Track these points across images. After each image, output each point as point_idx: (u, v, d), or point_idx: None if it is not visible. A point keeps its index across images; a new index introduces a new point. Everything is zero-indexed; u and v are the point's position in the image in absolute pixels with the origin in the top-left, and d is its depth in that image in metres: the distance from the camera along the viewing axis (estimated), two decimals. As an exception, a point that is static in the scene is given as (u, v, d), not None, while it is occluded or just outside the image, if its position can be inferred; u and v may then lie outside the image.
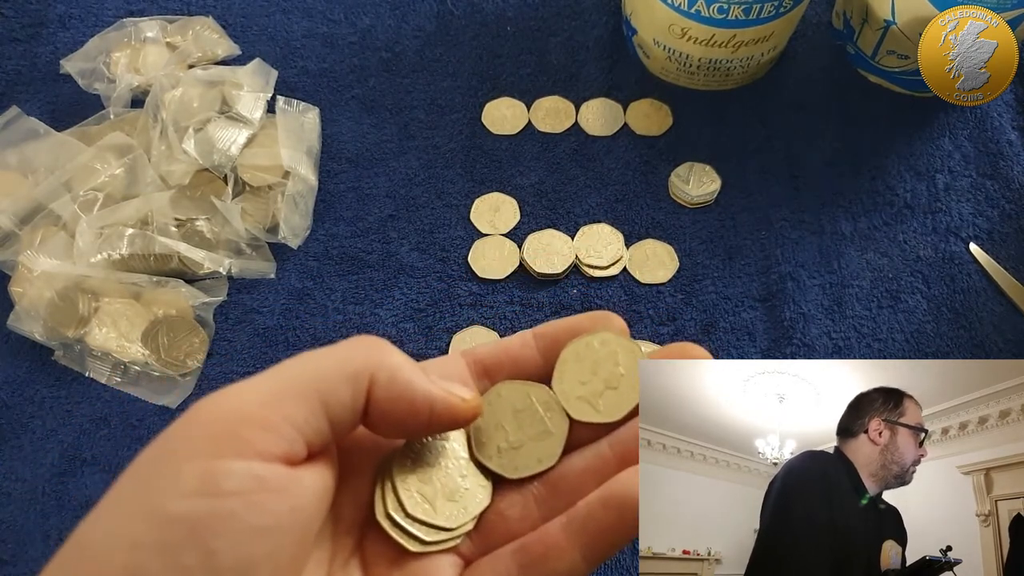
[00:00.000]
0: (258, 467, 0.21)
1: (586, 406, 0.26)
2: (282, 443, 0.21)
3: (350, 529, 0.25)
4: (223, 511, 0.20)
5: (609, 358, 0.26)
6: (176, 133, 0.47)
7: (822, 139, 0.50)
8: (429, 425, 0.24)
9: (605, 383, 0.26)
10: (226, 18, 0.55)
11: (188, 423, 0.21)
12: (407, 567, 0.24)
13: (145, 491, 0.21)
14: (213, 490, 0.20)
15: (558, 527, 0.24)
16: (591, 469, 0.25)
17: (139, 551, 0.19)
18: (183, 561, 0.19)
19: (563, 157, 0.50)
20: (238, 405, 0.22)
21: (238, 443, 0.21)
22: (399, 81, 0.53)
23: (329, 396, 0.22)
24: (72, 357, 0.44)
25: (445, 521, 0.25)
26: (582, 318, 0.27)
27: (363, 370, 0.23)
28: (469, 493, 0.25)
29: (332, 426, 0.23)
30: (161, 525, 0.20)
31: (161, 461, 0.21)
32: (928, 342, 0.44)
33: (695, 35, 0.47)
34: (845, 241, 0.47)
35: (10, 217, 0.46)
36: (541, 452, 0.26)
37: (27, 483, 0.41)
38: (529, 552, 0.24)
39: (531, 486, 0.26)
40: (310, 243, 0.48)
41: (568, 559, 0.23)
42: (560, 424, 0.26)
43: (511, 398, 0.27)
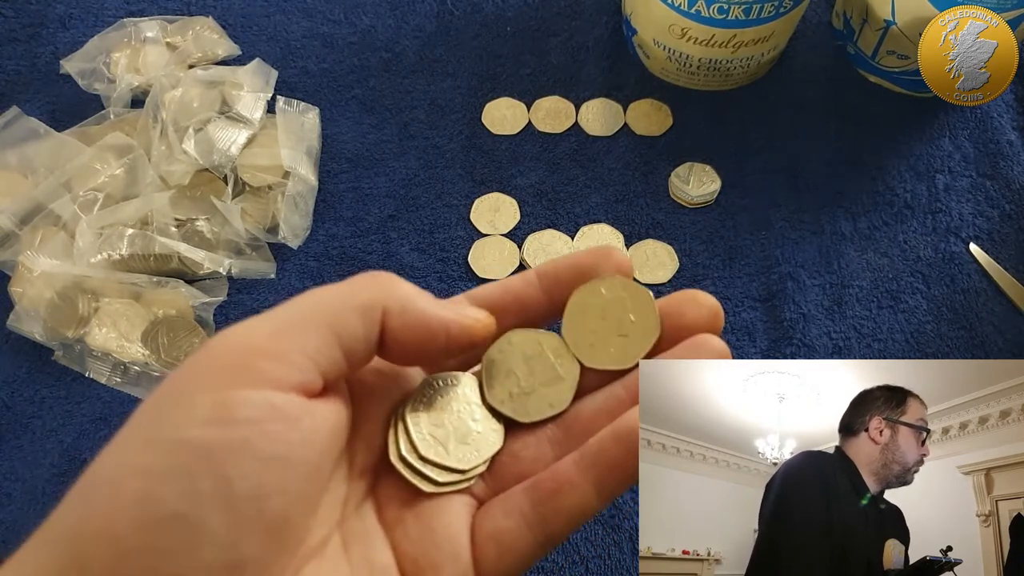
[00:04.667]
0: (272, 396, 0.21)
1: (599, 354, 0.26)
2: (295, 373, 0.21)
3: (363, 473, 0.25)
4: (237, 438, 0.20)
5: (617, 304, 0.26)
6: (176, 133, 0.47)
7: (822, 139, 0.50)
8: (447, 348, 0.24)
9: (616, 331, 0.26)
10: (226, 18, 0.55)
11: (201, 358, 0.21)
12: (420, 508, 0.24)
13: (159, 421, 0.21)
14: (227, 418, 0.20)
15: (570, 463, 0.24)
16: (605, 410, 0.25)
17: (154, 477, 0.19)
18: (198, 487, 0.19)
19: (563, 157, 0.50)
20: (250, 338, 0.22)
21: (251, 373, 0.21)
22: (399, 81, 0.53)
23: (341, 328, 0.22)
24: (72, 357, 0.44)
25: (458, 463, 0.25)
26: (583, 254, 0.26)
27: (374, 302, 0.23)
28: (481, 436, 0.26)
29: (346, 357, 0.23)
30: (176, 452, 0.20)
31: (175, 393, 0.21)
32: (928, 342, 0.44)
33: (695, 35, 0.47)
34: (845, 241, 0.47)
35: (10, 217, 0.46)
36: (552, 397, 0.26)
37: (27, 483, 0.41)
38: (541, 488, 0.24)
39: (545, 428, 0.26)
40: (310, 243, 0.48)
41: (580, 494, 0.23)
42: (571, 370, 0.26)
43: (522, 345, 0.27)
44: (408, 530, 0.24)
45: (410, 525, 0.24)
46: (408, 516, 0.24)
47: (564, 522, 0.23)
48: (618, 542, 0.40)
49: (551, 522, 0.23)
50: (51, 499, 0.41)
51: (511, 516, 0.24)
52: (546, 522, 0.23)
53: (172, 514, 0.19)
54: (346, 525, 0.24)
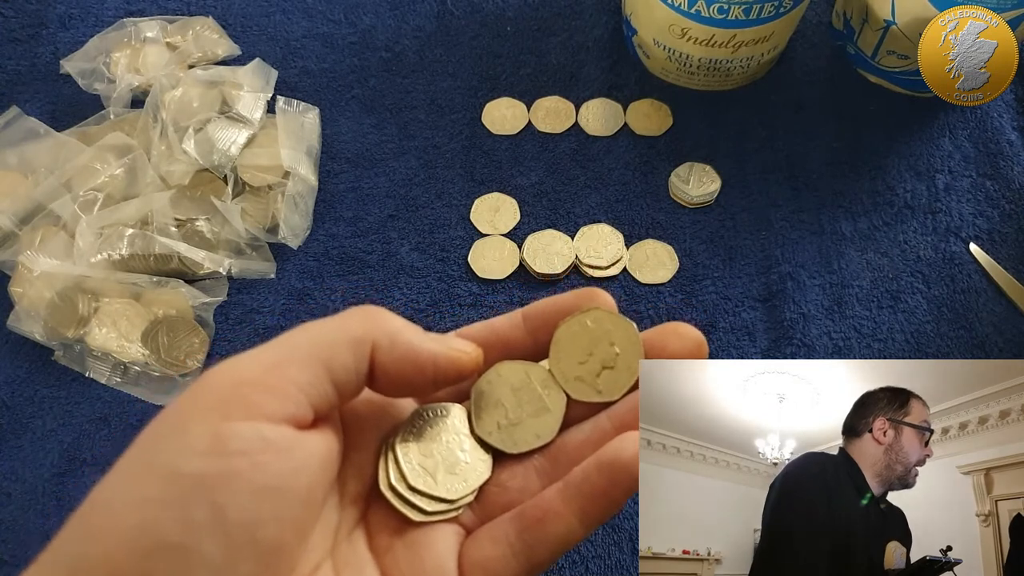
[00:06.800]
0: (265, 428, 0.21)
1: (585, 386, 0.27)
2: (288, 405, 0.22)
3: (355, 501, 0.26)
4: (231, 469, 0.21)
5: (603, 337, 0.27)
6: (176, 133, 0.47)
7: (822, 139, 0.50)
8: (435, 380, 0.25)
9: (602, 363, 0.27)
10: (226, 18, 0.55)
11: (197, 390, 0.22)
12: (409, 536, 0.25)
13: (156, 452, 0.21)
14: (221, 449, 0.21)
15: (554, 492, 0.24)
16: (591, 441, 0.26)
17: (151, 506, 0.20)
18: (193, 516, 0.20)
19: (563, 157, 0.50)
20: (245, 371, 0.22)
21: (245, 406, 0.21)
22: (399, 81, 0.53)
23: (332, 361, 0.23)
24: (72, 357, 0.44)
25: (446, 493, 0.25)
26: (568, 296, 0.27)
27: (365, 336, 0.24)
28: (470, 466, 0.26)
29: (337, 390, 0.23)
30: (172, 482, 0.20)
31: (171, 424, 0.22)
32: (928, 342, 0.44)
33: (695, 35, 0.47)
34: (845, 241, 0.47)
35: (10, 217, 0.46)
36: (539, 428, 0.27)
37: (27, 483, 0.41)
38: (526, 517, 0.24)
39: (532, 459, 0.26)
40: (310, 243, 0.48)
41: (565, 523, 0.24)
42: (558, 401, 0.27)
43: (509, 377, 0.27)
44: (398, 558, 0.25)
45: (399, 553, 0.25)
46: (398, 544, 0.25)
47: (549, 550, 0.24)
48: (618, 542, 0.40)
49: (536, 550, 0.24)
50: (51, 499, 0.41)
51: (497, 544, 0.24)
52: (531, 550, 0.24)
53: (169, 542, 0.20)
54: (338, 552, 0.25)
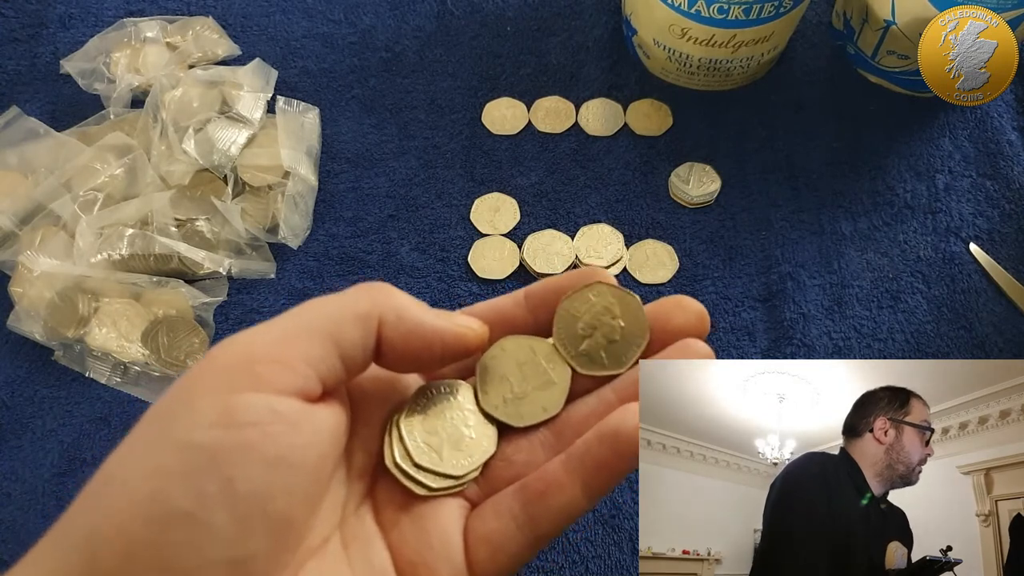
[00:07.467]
0: (274, 400, 0.22)
1: (589, 360, 0.27)
2: (296, 378, 0.22)
3: (362, 476, 0.26)
4: (240, 441, 0.21)
5: (606, 311, 0.27)
6: (176, 133, 0.47)
7: (822, 139, 0.50)
8: (442, 356, 0.25)
9: (606, 336, 0.27)
10: (226, 18, 0.55)
11: (205, 364, 0.22)
12: (415, 511, 0.25)
13: (167, 425, 0.22)
14: (231, 421, 0.21)
15: (557, 464, 0.24)
16: (595, 413, 0.26)
17: (163, 477, 0.20)
18: (204, 487, 0.20)
19: (563, 157, 0.50)
20: (253, 345, 0.23)
21: (254, 379, 0.22)
22: (399, 81, 0.53)
23: (340, 336, 0.23)
24: (72, 357, 0.44)
25: (451, 469, 0.26)
26: (571, 275, 0.27)
27: (371, 311, 0.24)
28: (475, 442, 0.26)
29: (344, 364, 0.24)
30: (183, 453, 0.21)
31: (181, 398, 0.22)
32: (928, 342, 0.44)
33: (695, 35, 0.47)
34: (845, 241, 0.47)
35: (10, 217, 0.46)
36: (545, 401, 0.27)
37: (27, 483, 0.41)
38: (530, 490, 0.25)
39: (537, 432, 0.27)
40: (310, 243, 0.48)
41: (568, 494, 0.24)
42: (563, 375, 0.27)
43: (514, 352, 0.28)
44: (404, 532, 0.25)
45: (406, 527, 0.25)
46: (404, 519, 0.25)
47: (553, 522, 0.24)
48: (618, 542, 0.40)
49: (540, 522, 0.24)
50: (51, 499, 0.41)
51: (502, 517, 0.24)
52: (535, 522, 0.24)
53: (181, 512, 0.20)
54: (346, 526, 0.25)
